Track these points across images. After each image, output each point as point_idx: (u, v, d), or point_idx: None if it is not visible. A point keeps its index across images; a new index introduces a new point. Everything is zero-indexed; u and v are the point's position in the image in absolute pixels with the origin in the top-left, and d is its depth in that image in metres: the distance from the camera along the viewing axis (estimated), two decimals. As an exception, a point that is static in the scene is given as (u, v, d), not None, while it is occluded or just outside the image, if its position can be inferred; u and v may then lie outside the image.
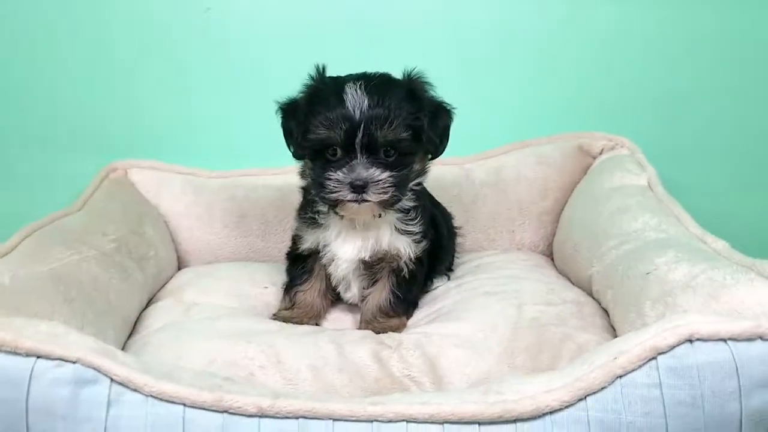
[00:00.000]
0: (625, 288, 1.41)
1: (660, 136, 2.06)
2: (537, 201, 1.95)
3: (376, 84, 1.39)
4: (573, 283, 1.71)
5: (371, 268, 1.55)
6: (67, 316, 1.27)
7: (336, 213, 1.46)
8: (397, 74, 1.47)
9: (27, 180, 2.10)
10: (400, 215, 1.50)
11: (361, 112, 1.34)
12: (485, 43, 2.05)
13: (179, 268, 1.92)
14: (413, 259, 1.52)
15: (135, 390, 0.98)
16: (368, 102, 1.35)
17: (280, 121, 1.48)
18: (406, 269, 1.52)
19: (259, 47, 2.03)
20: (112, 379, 0.98)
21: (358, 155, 1.36)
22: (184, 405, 0.98)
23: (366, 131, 1.34)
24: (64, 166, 2.07)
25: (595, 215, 1.69)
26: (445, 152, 1.51)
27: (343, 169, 1.36)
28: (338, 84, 1.40)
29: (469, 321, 1.43)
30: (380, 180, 1.36)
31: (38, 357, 0.96)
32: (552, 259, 1.93)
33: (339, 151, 1.38)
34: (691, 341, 0.98)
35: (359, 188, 1.35)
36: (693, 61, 2.06)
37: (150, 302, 1.67)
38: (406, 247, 1.51)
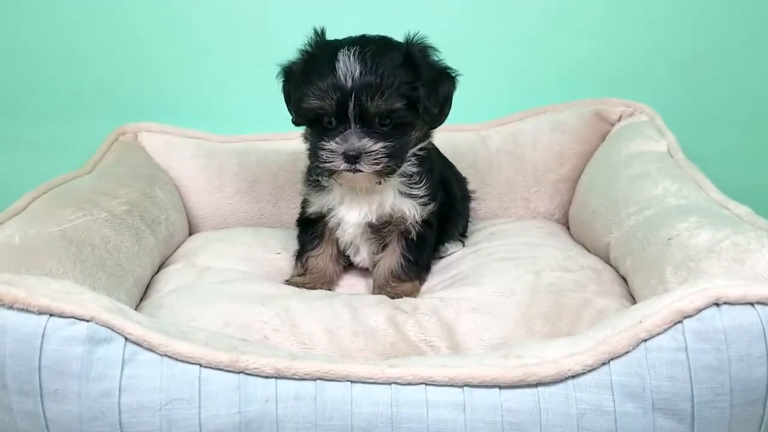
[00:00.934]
0: (646, 254, 1.38)
1: (678, 101, 2.01)
2: (553, 168, 1.92)
3: (371, 50, 1.33)
4: (589, 251, 1.68)
5: (379, 231, 1.52)
6: (78, 277, 1.25)
7: (335, 180, 1.43)
8: (401, 38, 1.41)
9: (35, 144, 2.08)
10: (403, 179, 1.46)
11: (353, 80, 1.30)
12: (499, 5, 2.00)
13: (190, 234, 1.90)
14: (420, 221, 1.49)
15: (149, 349, 0.97)
16: (360, 69, 1.30)
17: (282, 86, 1.45)
18: (414, 232, 1.50)
19: (272, 6, 1.99)
20: (126, 338, 0.96)
21: (352, 125, 1.33)
22: (200, 365, 0.97)
23: (357, 101, 1.30)
24: (72, 130, 2.05)
25: (613, 181, 1.66)
26: (460, 118, 1.47)
27: (337, 139, 1.33)
28: (332, 50, 1.35)
29: (486, 286, 1.40)
30: (373, 151, 1.33)
31: (51, 315, 0.94)
32: (567, 228, 1.91)
33: (333, 120, 1.35)
34: (717, 305, 0.96)
35: (352, 158, 1.33)
36: (713, 23, 2.00)
37: (161, 266, 1.65)
38: (411, 209, 1.48)
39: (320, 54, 1.38)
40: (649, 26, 2.01)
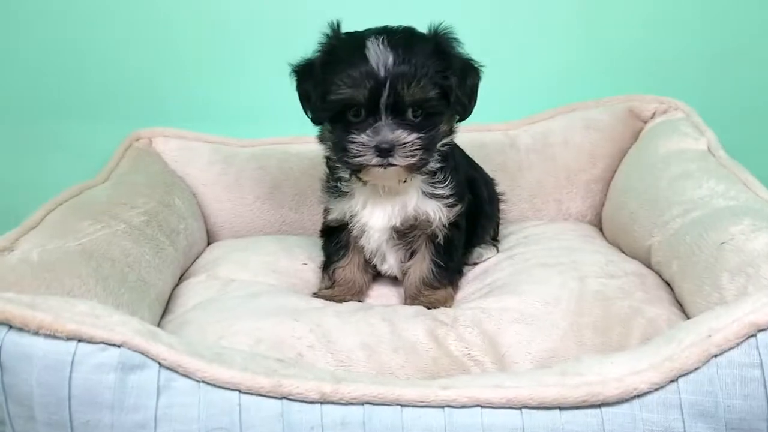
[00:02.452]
0: (696, 259, 1.31)
1: (713, 97, 1.96)
2: (585, 168, 1.85)
3: (400, 39, 1.28)
4: (626, 254, 1.62)
5: (404, 237, 1.46)
6: (100, 294, 1.19)
7: (359, 179, 1.37)
8: (422, 29, 1.36)
9: (46, 149, 2.02)
10: (425, 177, 1.40)
11: (386, 69, 1.24)
12: (526, 2, 1.94)
13: (209, 243, 1.83)
14: (446, 224, 1.43)
15: (186, 375, 0.90)
16: (393, 58, 1.24)
17: (295, 85, 1.38)
18: (440, 235, 1.43)
19: (291, 6, 1.92)
20: (160, 364, 0.90)
21: (383, 116, 1.26)
22: (240, 391, 0.90)
23: (392, 90, 1.24)
24: (83, 135, 1.99)
25: (653, 182, 1.59)
26: (488, 117, 1.41)
27: (368, 131, 1.26)
28: (358, 39, 1.29)
29: (528, 294, 1.34)
30: (407, 142, 1.26)
31: (80, 340, 0.88)
32: (600, 230, 1.84)
33: (362, 112, 1.28)
34: (794, 317, 0.89)
35: (385, 152, 1.25)
36: (747, 17, 1.95)
37: (181, 278, 1.59)
38: (436, 211, 1.41)
39: (344, 45, 1.32)
40: (681, 21, 1.96)
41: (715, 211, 1.38)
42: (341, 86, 1.26)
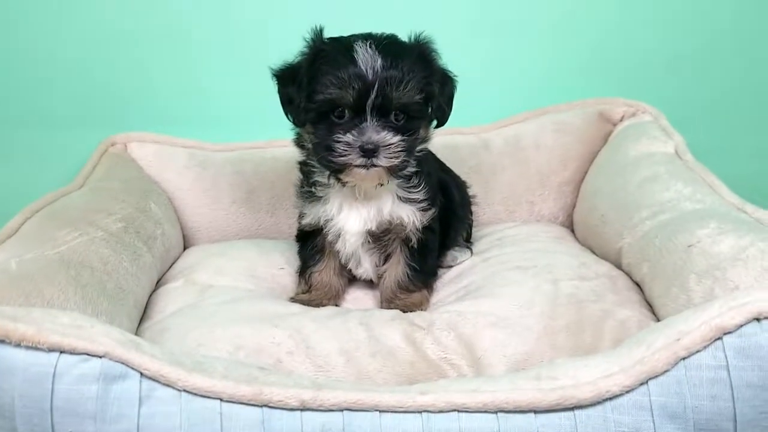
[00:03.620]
0: (665, 261, 1.35)
1: (678, 99, 1.99)
2: (557, 170, 1.89)
3: (387, 45, 1.32)
4: (597, 255, 1.65)
5: (379, 240, 1.48)
6: (79, 303, 1.19)
7: (338, 180, 1.38)
8: (396, 34, 1.39)
9: (19, 157, 1.99)
10: (400, 182, 1.42)
11: (374, 71, 1.27)
12: (498, 7, 1.96)
13: (185, 247, 1.83)
14: (420, 228, 1.45)
15: (167, 385, 0.91)
16: (381, 62, 1.27)
17: (277, 88, 1.39)
18: (414, 239, 1.46)
19: (266, 10, 1.93)
20: (142, 374, 0.91)
21: (369, 117, 1.29)
22: (221, 399, 0.92)
23: (380, 92, 1.27)
24: (57, 142, 1.96)
25: (622, 184, 1.63)
26: (461, 121, 1.45)
27: (353, 132, 1.28)
28: (345, 43, 1.32)
29: (503, 297, 1.37)
30: (392, 144, 1.29)
31: (62, 352, 0.88)
32: (572, 231, 1.87)
33: (347, 113, 1.30)
34: (758, 320, 0.93)
35: (369, 152, 1.28)
36: (709, 21, 1.99)
37: (159, 283, 1.59)
38: (410, 215, 1.43)
39: (331, 48, 1.33)
40: (647, 24, 1.99)
41: (682, 214, 1.42)
42: (329, 87, 1.28)
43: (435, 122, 1.42)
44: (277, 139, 1.87)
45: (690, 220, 1.37)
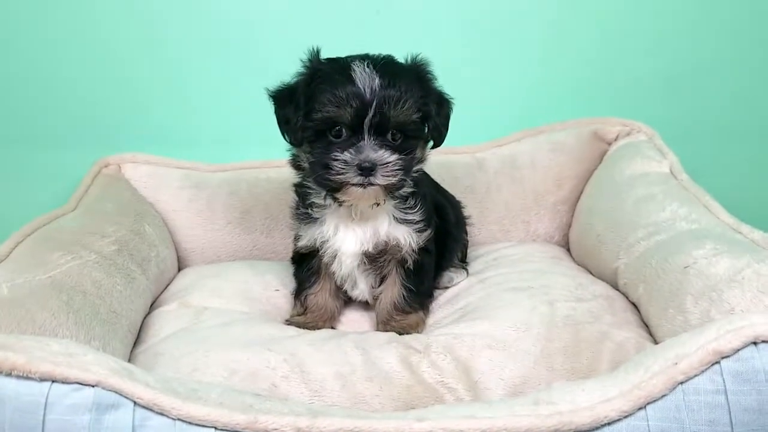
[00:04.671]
0: (661, 282, 1.35)
1: (671, 117, 2.00)
2: (552, 190, 1.88)
3: (384, 65, 1.32)
4: (594, 276, 1.65)
5: (375, 262, 1.47)
6: (72, 329, 1.18)
7: (335, 200, 1.37)
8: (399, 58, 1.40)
9: (12, 179, 1.98)
10: (397, 203, 1.42)
11: (372, 90, 1.27)
12: (491, 26, 1.97)
13: (179, 269, 1.82)
14: (416, 249, 1.44)
15: (161, 413, 0.90)
16: (379, 81, 1.27)
17: (274, 109, 1.39)
18: (410, 260, 1.45)
19: (259, 29, 1.93)
20: (135, 403, 0.89)
21: (366, 136, 1.28)
22: (215, 428, 0.90)
23: (378, 110, 1.27)
24: (50, 163, 1.95)
25: (618, 204, 1.63)
26: (454, 140, 1.45)
27: (350, 150, 1.28)
28: (342, 63, 1.33)
29: (500, 320, 1.36)
30: (389, 162, 1.28)
31: (54, 381, 0.87)
32: (568, 250, 1.87)
33: (344, 132, 1.30)
34: (756, 344, 0.93)
35: (367, 170, 1.27)
36: (703, 39, 2.00)
37: (153, 306, 1.57)
38: (406, 236, 1.43)
39: (328, 68, 1.33)
40: (641, 44, 2.00)
41: (678, 234, 1.42)
42: (327, 105, 1.28)
43: (431, 143, 1.42)
44: (272, 159, 1.87)
45: (686, 241, 1.37)
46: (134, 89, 1.96)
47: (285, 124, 1.37)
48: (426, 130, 1.37)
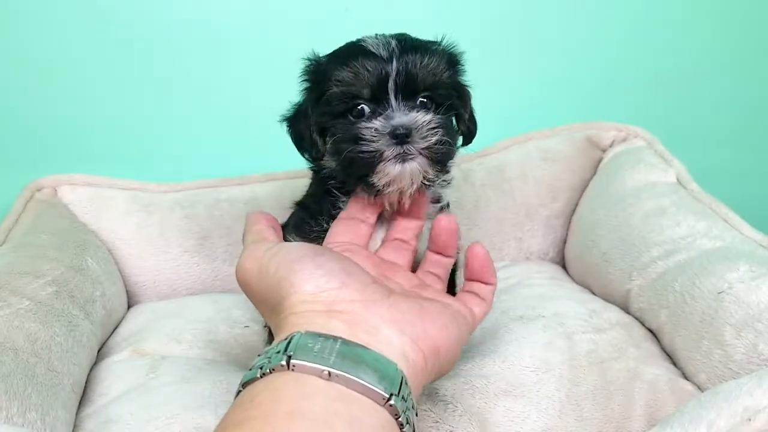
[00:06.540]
0: (689, 309, 1.19)
1: (667, 120, 1.90)
2: (546, 203, 1.72)
3: (401, 36, 1.10)
4: (597, 296, 1.49)
5: None
6: (2, 400, 0.95)
7: (370, 187, 1.07)
8: None
9: None
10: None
11: (389, 51, 1.05)
12: (474, 27, 1.82)
13: (129, 306, 1.59)
14: None
15: None
16: (397, 43, 1.06)
17: (288, 132, 1.17)
18: None
19: (213, 28, 1.72)
20: None
21: (392, 101, 1.05)
22: None
23: (402, 68, 1.05)
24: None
25: (624, 219, 1.47)
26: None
27: (380, 118, 1.05)
28: (348, 44, 1.12)
29: (514, 358, 1.16)
30: (425, 122, 1.04)
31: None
32: (563, 267, 1.71)
33: (366, 108, 1.07)
34: None
35: (402, 137, 1.03)
36: (693, 40, 1.92)
37: (100, 353, 1.35)
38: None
39: (332, 58, 1.12)
40: (634, 45, 1.91)
41: (702, 253, 1.27)
42: (339, 81, 1.06)
43: (461, 139, 1.19)
44: (232, 177, 1.66)
45: (714, 262, 1.21)
46: (70, 102, 1.74)
47: (300, 142, 1.15)
48: (461, 104, 1.15)
